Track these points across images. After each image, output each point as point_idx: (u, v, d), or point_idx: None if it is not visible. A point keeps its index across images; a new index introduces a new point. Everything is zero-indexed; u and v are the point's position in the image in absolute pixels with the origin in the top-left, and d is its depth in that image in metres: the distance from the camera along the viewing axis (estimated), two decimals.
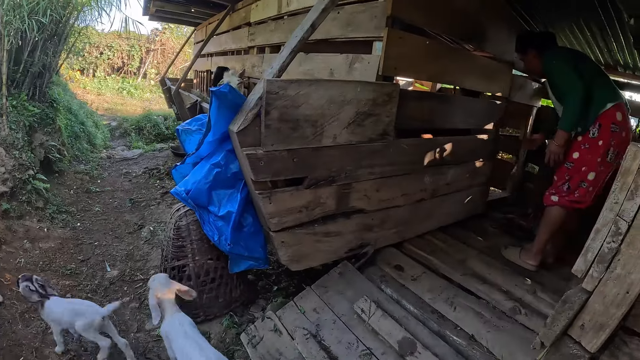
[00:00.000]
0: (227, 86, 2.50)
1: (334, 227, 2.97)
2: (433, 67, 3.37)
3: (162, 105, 14.20)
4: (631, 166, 1.66)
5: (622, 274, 1.75)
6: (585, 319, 1.92)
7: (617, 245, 1.74)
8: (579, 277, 1.94)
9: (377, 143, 2.97)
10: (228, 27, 6.97)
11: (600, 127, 3.17)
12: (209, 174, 2.68)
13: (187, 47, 13.13)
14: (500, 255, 3.72)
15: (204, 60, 8.42)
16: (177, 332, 2.39)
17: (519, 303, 2.93)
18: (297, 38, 2.50)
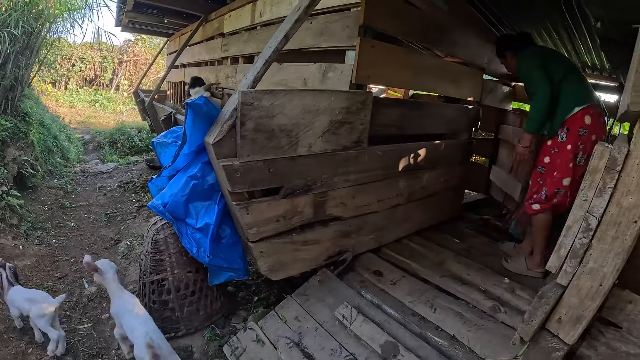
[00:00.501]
0: (202, 98, 2.52)
1: (312, 235, 3.00)
2: (405, 75, 3.44)
3: (136, 117, 14.08)
4: (598, 165, 1.73)
5: (594, 267, 1.82)
6: (562, 313, 1.97)
7: (588, 240, 1.80)
8: (553, 272, 2.00)
9: (352, 151, 3.02)
10: (201, 38, 7.01)
11: (568, 131, 3.19)
12: (185, 186, 2.68)
13: (160, 58, 13.08)
14: (478, 256, 3.78)
15: (178, 72, 8.43)
16: (124, 311, 2.65)
17: (498, 302, 2.98)
18: (270, 49, 2.54)
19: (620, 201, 1.71)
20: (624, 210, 1.71)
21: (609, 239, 1.76)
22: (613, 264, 1.77)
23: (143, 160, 8.67)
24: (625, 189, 1.69)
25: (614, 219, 1.74)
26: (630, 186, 1.68)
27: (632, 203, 1.68)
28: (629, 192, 1.69)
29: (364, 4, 2.87)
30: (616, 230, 1.74)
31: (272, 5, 4.25)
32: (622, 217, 1.72)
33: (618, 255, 1.75)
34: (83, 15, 8.61)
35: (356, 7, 2.98)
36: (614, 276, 1.80)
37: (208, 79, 6.01)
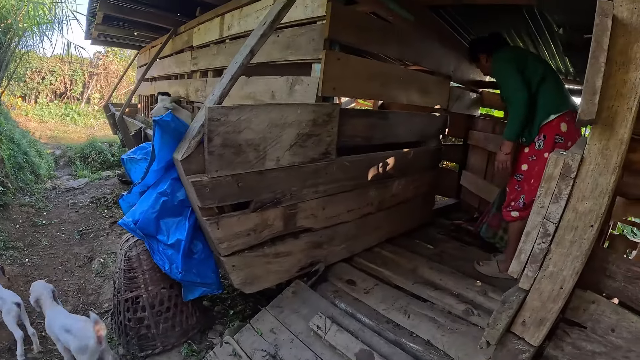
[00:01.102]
0: (169, 115, 2.53)
1: (284, 247, 3.03)
2: (371, 86, 3.49)
3: (107, 131, 13.90)
4: (553, 172, 1.79)
5: (554, 271, 1.88)
6: (526, 316, 2.03)
7: (547, 245, 1.87)
8: (515, 277, 2.06)
9: (320, 162, 3.07)
10: (171, 51, 7.02)
11: (545, 139, 3.20)
12: (155, 203, 2.69)
13: (131, 71, 12.96)
14: (450, 261, 3.85)
15: (148, 85, 8.41)
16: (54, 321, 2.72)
17: (471, 305, 3.05)
18: (236, 64, 2.58)
19: (576, 206, 1.78)
20: (580, 215, 1.78)
21: (567, 244, 1.82)
22: (572, 267, 1.84)
23: (115, 175, 8.57)
24: (581, 195, 1.76)
25: (571, 224, 1.80)
26: (585, 192, 1.75)
27: (588, 208, 1.75)
28: (584, 197, 1.76)
29: (329, 17, 2.92)
30: (573, 235, 1.81)
31: (240, 18, 4.29)
32: (578, 222, 1.79)
33: (577, 258, 1.82)
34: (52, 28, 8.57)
35: (321, 21, 3.04)
36: (574, 279, 1.87)
37: (178, 93, 6.04)
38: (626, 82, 1.64)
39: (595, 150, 1.72)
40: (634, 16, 1.61)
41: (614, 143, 1.68)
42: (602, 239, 3.72)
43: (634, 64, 1.62)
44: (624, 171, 2.58)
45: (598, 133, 1.70)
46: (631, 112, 1.64)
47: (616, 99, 1.65)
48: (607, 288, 2.03)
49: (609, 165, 1.70)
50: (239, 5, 4.34)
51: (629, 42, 1.62)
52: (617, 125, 1.67)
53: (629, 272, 1.96)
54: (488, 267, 3.68)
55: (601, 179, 1.72)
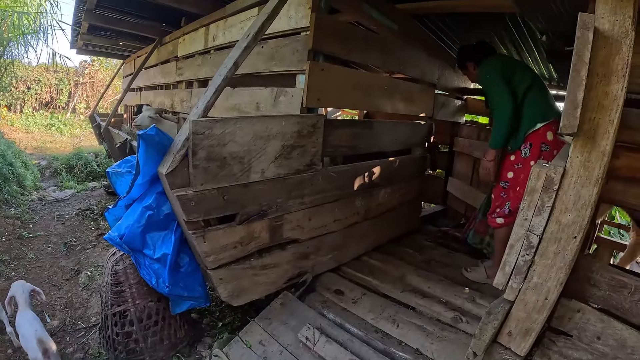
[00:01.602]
0: (153, 128, 2.53)
1: (270, 259, 3.03)
2: (356, 96, 3.50)
3: (93, 141, 13.76)
4: (536, 185, 1.82)
5: (539, 282, 1.91)
6: (511, 326, 2.07)
7: (531, 257, 1.89)
8: (500, 289, 2.08)
9: (306, 174, 3.07)
10: (156, 61, 6.99)
11: (531, 147, 3.23)
12: (141, 217, 2.67)
13: (117, 80, 12.90)
14: (438, 268, 3.87)
15: (134, 95, 8.36)
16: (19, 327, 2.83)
17: (459, 312, 3.06)
18: (220, 77, 2.58)
19: (559, 218, 1.81)
20: (563, 227, 1.81)
21: (551, 255, 1.85)
22: (556, 278, 1.87)
23: (101, 186, 8.50)
24: (564, 207, 1.79)
25: (555, 236, 1.83)
26: (568, 204, 1.78)
27: (571, 220, 1.78)
28: (566, 209, 1.78)
29: (312, 28, 2.93)
30: (557, 246, 1.84)
31: (225, 29, 4.30)
32: (562, 234, 1.81)
33: (561, 269, 1.85)
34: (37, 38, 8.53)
35: (305, 32, 3.04)
36: (559, 289, 1.89)
37: (163, 103, 6.03)
38: (608, 94, 1.67)
39: (578, 162, 1.75)
40: (615, 28, 1.64)
41: (595, 155, 1.71)
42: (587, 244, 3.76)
43: (615, 75, 1.65)
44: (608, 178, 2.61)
45: (580, 145, 1.73)
46: (613, 124, 1.67)
47: (598, 111, 1.68)
48: (592, 297, 2.07)
49: (591, 177, 1.73)
50: (224, 15, 4.35)
51: (611, 54, 1.65)
52: (599, 137, 1.69)
53: (612, 280, 2.01)
54: (476, 273, 3.70)
55: (584, 190, 1.75)
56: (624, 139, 2.05)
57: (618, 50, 1.64)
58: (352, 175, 3.59)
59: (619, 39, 1.63)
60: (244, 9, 3.94)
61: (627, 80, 1.65)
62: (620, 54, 1.63)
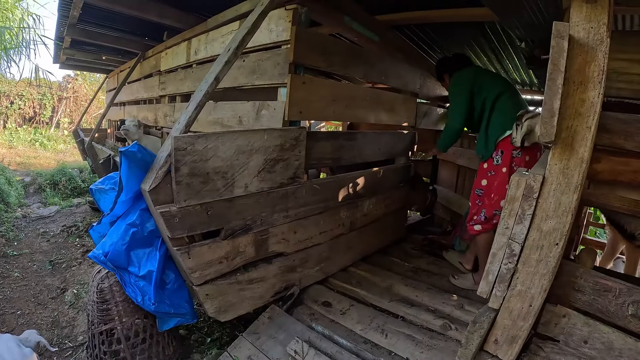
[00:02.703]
0: (135, 145, 2.52)
1: (257, 273, 3.01)
2: (338, 107, 3.50)
3: (77, 156, 13.65)
4: (516, 194, 1.83)
5: (522, 290, 1.92)
6: (498, 334, 2.08)
7: (513, 265, 1.91)
8: (484, 297, 2.09)
9: (289, 187, 3.06)
10: (139, 76, 6.96)
11: (502, 154, 3.29)
12: (125, 234, 2.65)
13: (100, 94, 12.81)
14: (425, 276, 3.90)
15: (117, 109, 8.32)
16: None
17: (448, 319, 3.07)
18: (202, 92, 2.58)
19: (541, 226, 1.82)
20: (544, 234, 1.82)
21: (534, 262, 1.87)
22: (540, 285, 1.88)
23: (86, 202, 8.41)
24: (544, 214, 1.80)
25: (536, 243, 1.85)
26: (549, 211, 1.79)
27: (552, 227, 1.80)
28: (547, 216, 1.80)
29: (293, 41, 2.94)
30: (539, 254, 1.85)
31: (207, 43, 4.29)
32: (543, 241, 1.83)
33: (544, 276, 1.86)
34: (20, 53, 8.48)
35: (286, 45, 3.05)
36: (543, 296, 1.91)
37: (147, 118, 5.99)
38: (584, 101, 1.69)
39: (557, 170, 1.77)
40: (590, 35, 1.66)
41: (574, 162, 1.73)
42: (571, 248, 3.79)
43: (591, 82, 1.67)
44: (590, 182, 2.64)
45: (558, 153, 1.74)
46: (590, 130, 1.69)
47: (575, 119, 1.70)
48: (577, 302, 2.08)
49: (570, 184, 1.75)
50: (205, 30, 4.36)
51: (586, 62, 1.67)
52: (577, 144, 1.72)
53: (597, 285, 2.02)
54: (463, 280, 3.73)
55: (564, 197, 1.77)
56: (604, 142, 2.07)
57: (594, 57, 1.66)
58: (336, 187, 3.59)
59: (594, 46, 1.66)
60: (225, 22, 3.95)
61: (603, 86, 1.67)
62: (596, 61, 1.66)
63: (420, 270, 4.09)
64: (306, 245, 3.38)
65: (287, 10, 2.99)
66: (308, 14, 3.05)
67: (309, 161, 3.21)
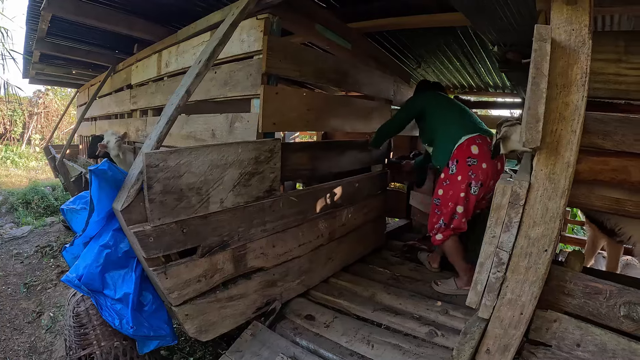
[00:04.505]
0: (105, 163, 2.43)
1: (237, 290, 2.92)
2: (312, 117, 3.46)
3: (49, 174, 13.28)
4: (502, 201, 1.79)
5: (512, 298, 1.88)
6: (489, 344, 2.03)
7: (502, 274, 1.87)
8: (474, 307, 2.05)
9: (266, 200, 2.99)
10: (110, 89, 6.79)
11: (457, 163, 3.37)
12: (99, 256, 2.54)
13: (72, 109, 12.57)
14: (407, 283, 3.88)
15: (88, 125, 8.13)
16: None
17: (433, 326, 3.03)
18: (173, 106, 2.50)
19: (528, 233, 1.79)
20: (532, 241, 1.79)
21: (523, 270, 1.83)
22: (530, 292, 1.85)
23: (59, 221, 8.19)
24: (532, 221, 1.77)
25: (525, 251, 1.82)
26: (536, 218, 1.76)
27: (540, 233, 1.77)
28: (535, 223, 1.77)
29: (265, 51, 2.89)
30: (528, 261, 1.82)
31: (177, 55, 4.20)
32: (532, 248, 1.80)
33: (534, 283, 1.83)
34: None
35: (258, 55, 2.99)
36: (534, 303, 1.88)
37: (119, 133, 5.80)
38: (568, 104, 1.67)
39: (543, 175, 1.74)
40: (572, 38, 1.64)
41: (560, 167, 1.70)
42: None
43: (575, 85, 1.65)
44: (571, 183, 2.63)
45: (544, 158, 1.72)
46: (575, 134, 1.67)
47: (559, 123, 1.67)
48: (567, 306, 2.05)
49: (557, 189, 1.73)
50: (176, 41, 4.27)
51: (569, 64, 1.65)
52: (562, 148, 1.69)
53: (587, 288, 2.00)
54: (445, 285, 3.73)
55: (551, 203, 1.74)
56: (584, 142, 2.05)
57: (576, 60, 1.64)
58: (313, 198, 3.53)
59: (576, 49, 1.64)
60: (196, 34, 3.86)
61: (587, 89, 1.65)
62: (578, 64, 1.64)
63: (402, 277, 4.06)
64: (286, 258, 3.30)
65: (259, 19, 2.94)
66: (280, 23, 3.00)
67: (285, 173, 3.15)
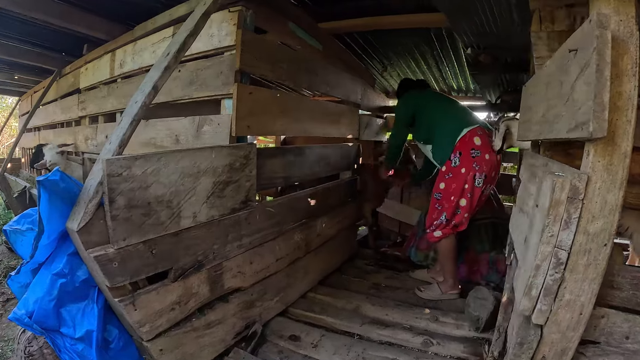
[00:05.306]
0: (57, 172, 1.95)
1: (214, 315, 2.46)
2: (286, 121, 3.07)
3: None
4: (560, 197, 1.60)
5: (571, 299, 1.71)
6: (545, 351, 1.86)
7: (560, 275, 1.68)
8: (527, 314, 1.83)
9: (242, 212, 2.57)
10: (56, 96, 5.95)
11: (460, 155, 3.14)
12: (52, 287, 1.99)
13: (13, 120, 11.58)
14: (389, 292, 3.61)
15: (32, 135, 7.20)
16: None
17: (427, 335, 2.83)
18: (137, 104, 2.00)
19: (587, 229, 1.61)
20: (592, 236, 1.61)
21: (582, 268, 1.66)
22: (590, 290, 1.68)
23: (1, 242, 7.39)
24: (590, 216, 1.60)
25: (584, 247, 1.63)
26: (594, 212, 1.59)
27: (599, 228, 1.60)
28: (593, 218, 1.60)
29: (239, 47, 2.47)
30: (587, 258, 1.64)
31: (134, 54, 3.65)
32: (591, 244, 1.62)
33: (593, 280, 1.66)
34: None
35: (230, 51, 2.57)
36: (592, 302, 1.71)
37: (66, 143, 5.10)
38: (621, 94, 1.52)
39: (600, 167, 1.57)
40: (620, 28, 1.52)
41: (617, 157, 1.54)
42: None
43: (626, 75, 1.51)
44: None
45: (601, 149, 1.55)
46: (630, 124, 1.53)
47: (614, 112, 1.51)
48: (614, 299, 1.89)
49: (615, 180, 1.57)
50: (132, 39, 3.72)
51: (619, 54, 1.51)
52: (619, 138, 1.53)
53: (634, 279, 1.86)
54: (430, 291, 3.51)
55: (609, 195, 1.58)
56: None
57: (626, 50, 1.51)
58: (289, 208, 3.14)
59: (625, 39, 1.51)
60: (156, 29, 3.36)
61: (637, 79, 1.52)
62: (628, 54, 1.51)
63: (383, 286, 3.77)
64: (264, 275, 2.88)
65: (232, 12, 2.51)
66: (253, 17, 2.58)
67: (260, 181, 2.74)
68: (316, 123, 3.52)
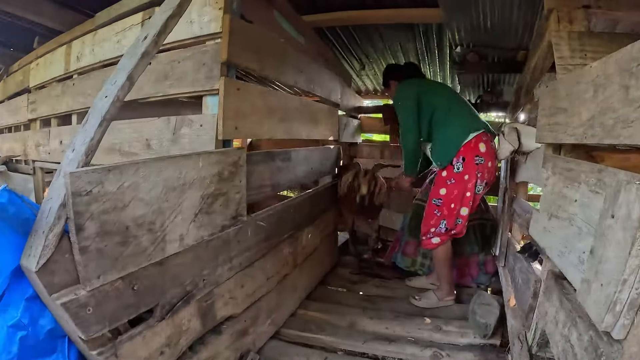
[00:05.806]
0: (4, 192, 1.49)
1: (207, 351, 2.02)
2: (272, 121, 2.65)
3: None
4: None
5: None
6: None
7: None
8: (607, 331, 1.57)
9: (231, 229, 2.14)
10: (2, 97, 5.08)
11: (464, 161, 2.92)
12: (9, 343, 1.44)
13: None
14: (383, 303, 3.35)
15: None
16: None
17: (435, 347, 2.61)
18: (108, 99, 1.49)
19: None
20: None
21: None
22: None
23: None
24: None
25: None
26: None
27: None
28: None
29: (226, 35, 2.02)
30: None
31: (94, 45, 3.04)
32: None
33: None
34: None
35: (213, 40, 2.10)
36: None
37: (13, 150, 4.36)
38: None
39: None
40: None
41: None
42: None
43: None
44: None
45: None
46: None
47: None
48: None
49: None
50: (92, 28, 3.11)
51: None
52: None
53: None
54: (426, 299, 3.29)
55: None
56: None
57: None
58: (278, 219, 2.72)
59: None
60: (121, 16, 2.78)
61: None
62: None
63: (374, 296, 3.47)
64: (255, 298, 2.46)
65: None
66: (240, 3, 2.14)
67: (250, 192, 2.31)
68: (301, 123, 3.12)
